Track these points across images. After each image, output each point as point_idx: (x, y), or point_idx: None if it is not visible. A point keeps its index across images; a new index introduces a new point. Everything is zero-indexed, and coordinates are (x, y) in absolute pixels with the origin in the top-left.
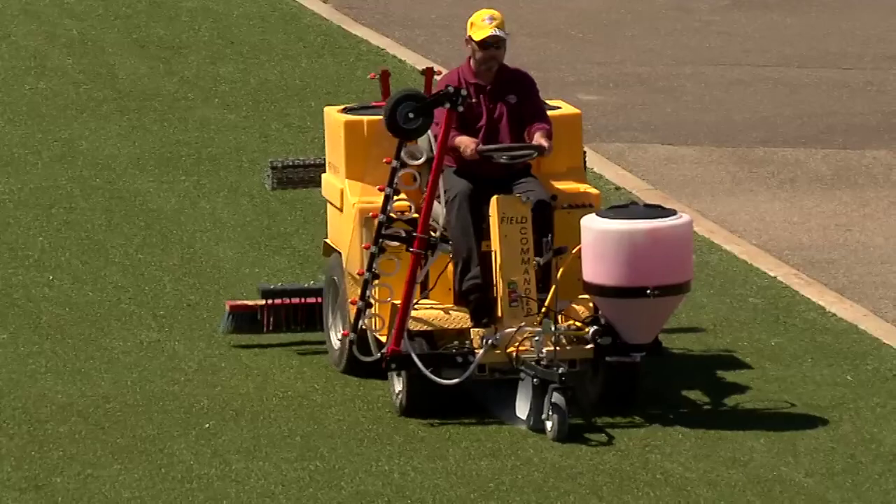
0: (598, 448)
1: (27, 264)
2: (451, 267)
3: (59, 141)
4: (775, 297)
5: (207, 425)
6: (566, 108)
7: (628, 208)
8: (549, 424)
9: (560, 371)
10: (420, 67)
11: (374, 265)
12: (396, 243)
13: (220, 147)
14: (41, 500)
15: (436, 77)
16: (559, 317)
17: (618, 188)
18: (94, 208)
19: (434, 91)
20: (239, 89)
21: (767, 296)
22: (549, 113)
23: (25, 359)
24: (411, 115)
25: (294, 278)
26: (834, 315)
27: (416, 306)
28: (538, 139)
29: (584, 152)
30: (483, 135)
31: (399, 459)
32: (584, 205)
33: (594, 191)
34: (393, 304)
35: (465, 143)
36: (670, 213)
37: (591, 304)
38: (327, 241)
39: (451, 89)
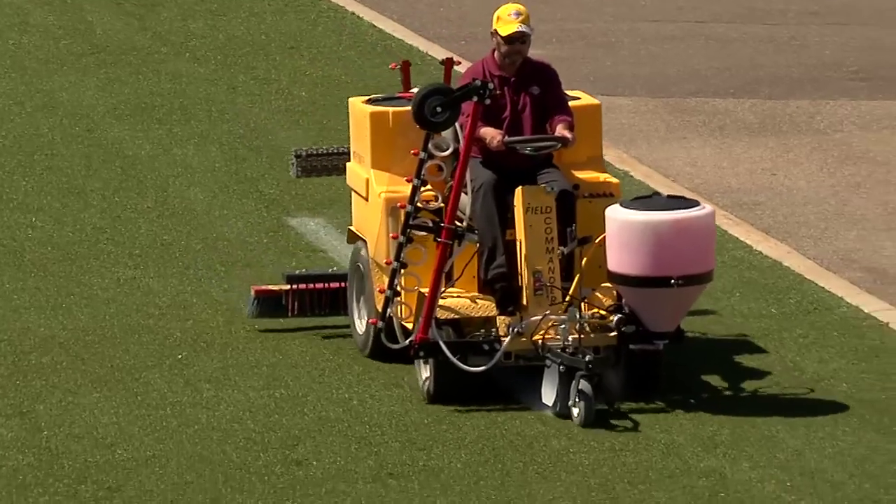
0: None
1: (11, 207)
2: (475, 256)
3: (41, 92)
4: None
5: (180, 356)
6: (586, 99)
7: (652, 199)
8: (575, 411)
9: (587, 359)
10: (377, 24)
11: (401, 254)
12: (423, 233)
13: (191, 98)
14: (25, 425)
15: (456, 67)
16: (583, 305)
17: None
18: (73, 155)
19: (460, 83)
20: (208, 44)
21: None
22: (569, 104)
23: (10, 295)
24: (439, 109)
25: (260, 220)
26: (760, 253)
27: (442, 295)
28: (561, 131)
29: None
30: (507, 125)
31: (357, 388)
32: (604, 194)
33: (614, 180)
34: (419, 292)
35: (491, 134)
36: (693, 203)
37: (613, 293)
38: (352, 228)
39: (478, 83)
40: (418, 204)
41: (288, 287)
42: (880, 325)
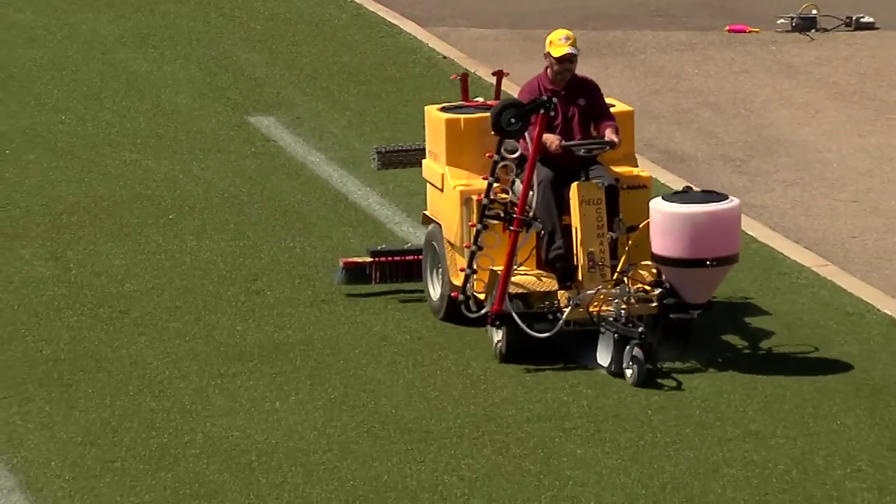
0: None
1: (47, 108)
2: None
3: (68, 25)
4: None
5: (171, 217)
6: (620, 106)
7: (689, 194)
8: (628, 373)
9: (640, 329)
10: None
11: (478, 239)
12: (497, 221)
13: (177, 30)
14: (60, 266)
15: (505, 77)
16: (629, 280)
17: (444, 57)
18: (92, 71)
19: (520, 96)
20: None
21: None
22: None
23: (46, 172)
24: (513, 120)
25: (227, 119)
26: None
27: (513, 273)
28: (610, 135)
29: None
30: (559, 131)
31: (300, 238)
32: (639, 186)
33: (646, 174)
34: (492, 270)
35: (551, 139)
36: (724, 197)
37: (652, 270)
38: (426, 213)
39: (544, 98)
40: (492, 197)
41: (371, 259)
42: None
